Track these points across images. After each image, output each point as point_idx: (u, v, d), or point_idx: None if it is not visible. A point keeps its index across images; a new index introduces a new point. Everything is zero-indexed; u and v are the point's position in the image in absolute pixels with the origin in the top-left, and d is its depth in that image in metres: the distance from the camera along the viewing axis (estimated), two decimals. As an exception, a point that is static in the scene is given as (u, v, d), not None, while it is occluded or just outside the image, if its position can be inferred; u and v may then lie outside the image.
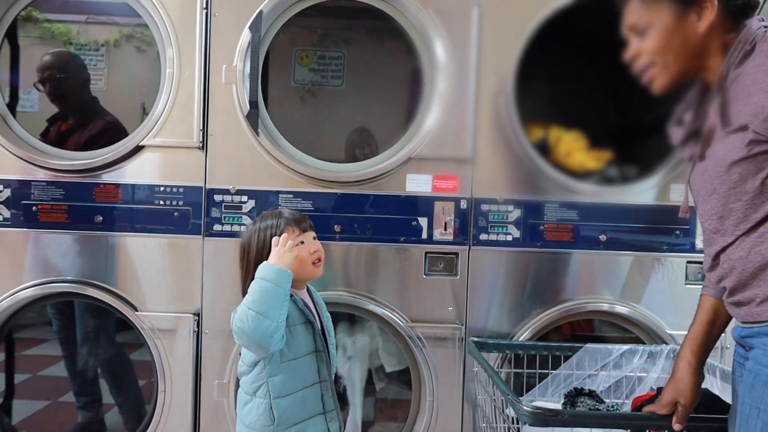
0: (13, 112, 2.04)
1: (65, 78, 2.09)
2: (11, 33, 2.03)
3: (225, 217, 1.90)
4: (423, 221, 1.92)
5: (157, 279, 1.91)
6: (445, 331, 1.92)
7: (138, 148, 1.89)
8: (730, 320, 1.16)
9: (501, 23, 1.89)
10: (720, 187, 1.03)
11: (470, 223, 1.93)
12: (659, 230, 1.93)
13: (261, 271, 1.34)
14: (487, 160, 1.92)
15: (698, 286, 1.78)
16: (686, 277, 1.93)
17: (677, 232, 1.93)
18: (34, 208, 1.90)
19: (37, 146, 1.99)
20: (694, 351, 1.16)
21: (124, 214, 1.91)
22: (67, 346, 2.22)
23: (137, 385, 2.26)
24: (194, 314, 1.91)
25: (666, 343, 1.83)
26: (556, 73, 2.08)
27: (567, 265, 1.94)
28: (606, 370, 1.68)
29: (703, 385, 1.19)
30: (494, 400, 1.54)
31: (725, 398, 1.34)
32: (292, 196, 1.90)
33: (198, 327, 1.91)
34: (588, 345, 1.69)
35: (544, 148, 2.00)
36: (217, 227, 1.90)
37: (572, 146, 2.04)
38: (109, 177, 1.90)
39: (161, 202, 1.90)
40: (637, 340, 1.93)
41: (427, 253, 1.92)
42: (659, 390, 1.29)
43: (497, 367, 1.84)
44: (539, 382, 1.71)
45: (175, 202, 1.90)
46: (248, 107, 1.86)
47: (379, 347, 2.03)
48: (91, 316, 2.14)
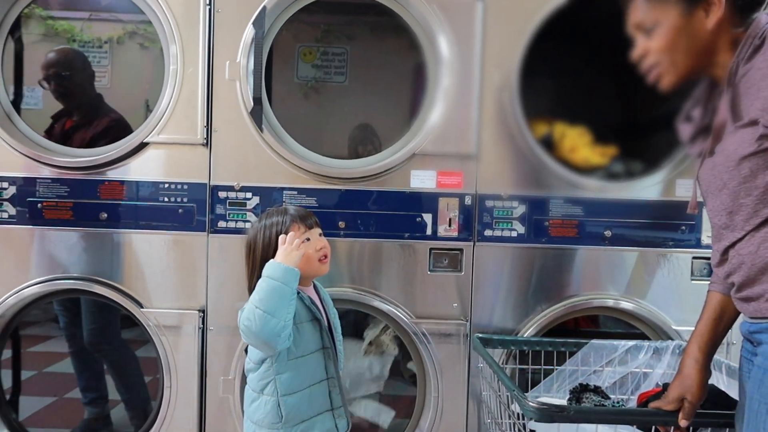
0: (18, 110, 2.04)
1: (70, 75, 2.09)
2: (15, 30, 2.04)
3: (229, 214, 1.90)
4: (427, 217, 1.91)
5: (162, 276, 1.91)
6: (450, 328, 1.91)
7: (142, 145, 1.89)
8: (737, 316, 1.15)
9: (505, 18, 1.88)
10: (730, 182, 1.02)
11: (475, 219, 1.92)
12: (665, 226, 1.92)
13: (268, 269, 1.33)
14: (492, 155, 1.91)
15: (704, 282, 1.79)
16: (692, 273, 1.93)
17: (683, 228, 1.92)
18: (39, 205, 1.91)
19: (42, 143, 1.99)
20: (701, 347, 1.15)
21: (129, 211, 1.91)
22: (74, 343, 2.23)
23: (143, 382, 2.26)
24: (199, 311, 1.91)
25: (671, 339, 1.82)
26: (561, 68, 2.07)
27: (572, 261, 1.93)
28: (611, 366, 1.68)
29: (710, 381, 1.19)
30: (499, 395, 1.54)
31: (732, 394, 1.34)
32: (296, 193, 1.90)
33: (203, 324, 1.91)
34: (593, 341, 1.69)
35: (549, 144, 1.99)
36: (222, 224, 1.91)
37: (577, 142, 2.03)
38: (114, 174, 1.91)
39: (166, 199, 1.90)
40: (642, 336, 1.93)
41: (431, 250, 1.92)
42: (665, 386, 1.29)
43: (502, 363, 1.84)
44: (544, 378, 1.71)
45: (179, 199, 1.90)
46: (252, 103, 1.86)
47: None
48: (97, 313, 2.15)
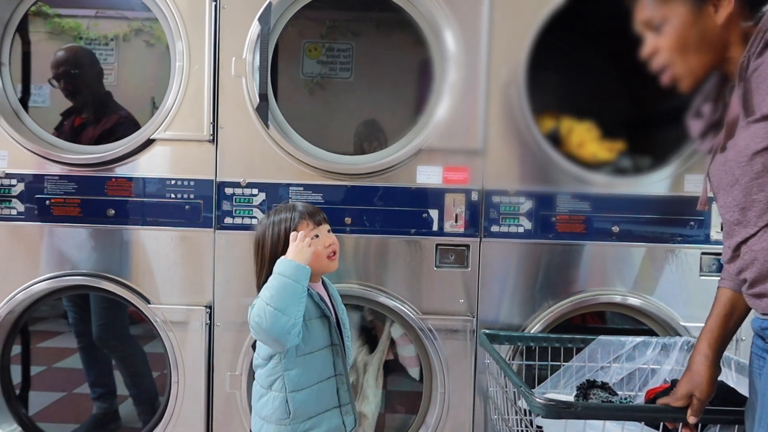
0: (26, 107, 2.05)
1: (79, 73, 2.10)
2: (22, 28, 2.04)
3: (236, 210, 1.91)
4: (434, 213, 1.91)
5: (169, 272, 1.92)
6: (457, 324, 1.91)
7: (149, 142, 1.90)
8: (747, 313, 1.14)
9: (512, 12, 1.87)
10: (742, 177, 1.01)
11: (481, 215, 1.91)
12: (673, 221, 1.91)
13: (279, 266, 1.33)
14: (498, 151, 1.90)
15: (713, 278, 1.79)
16: (701, 269, 1.91)
17: (691, 224, 1.91)
18: (47, 202, 1.92)
19: (49, 140, 2.00)
20: (711, 344, 1.14)
21: (136, 208, 1.92)
22: (83, 339, 2.25)
23: (151, 377, 2.28)
24: (206, 307, 1.92)
25: (680, 336, 1.81)
26: (568, 63, 2.05)
27: (579, 257, 1.92)
28: (619, 363, 1.67)
29: (719, 378, 1.18)
30: (506, 392, 1.54)
31: (741, 391, 1.33)
32: (302, 189, 1.90)
33: (210, 319, 1.92)
34: (601, 337, 1.68)
35: (556, 139, 1.97)
36: (228, 220, 1.91)
37: (584, 137, 2.01)
38: (121, 171, 1.92)
39: (172, 196, 1.91)
40: (650, 333, 1.92)
41: (438, 246, 1.91)
42: (673, 382, 1.28)
43: (509, 359, 1.83)
44: (551, 375, 1.70)
45: (186, 196, 1.91)
46: (258, 100, 1.86)
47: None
48: (105, 309, 2.16)
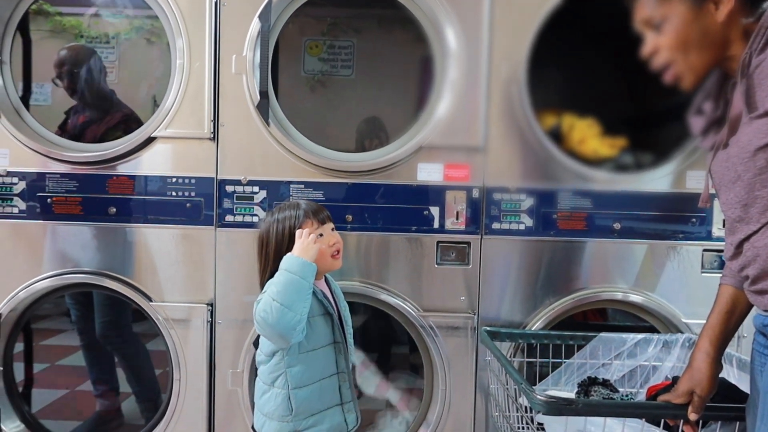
0: (26, 106, 2.05)
1: (82, 72, 2.10)
2: (23, 27, 2.04)
3: (237, 208, 1.91)
4: (434, 210, 1.91)
5: (170, 270, 1.93)
6: (458, 321, 1.91)
7: (150, 140, 1.90)
8: (749, 310, 1.14)
9: (513, 9, 1.86)
10: (745, 174, 1.00)
11: (482, 212, 1.91)
12: (675, 218, 1.90)
13: (285, 262, 1.33)
14: (499, 148, 1.90)
15: (715, 275, 1.78)
16: (702, 266, 1.91)
17: (693, 220, 1.90)
18: (48, 200, 1.92)
19: (50, 139, 2.00)
20: (713, 341, 1.14)
21: (137, 206, 1.92)
22: (85, 336, 2.26)
23: (153, 374, 2.29)
24: (207, 304, 1.92)
25: (681, 332, 1.81)
26: (569, 60, 2.05)
27: (580, 254, 1.92)
28: (620, 360, 1.67)
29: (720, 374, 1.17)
30: (507, 389, 1.54)
31: (742, 387, 1.33)
32: (303, 187, 1.90)
33: (211, 317, 1.92)
34: (602, 334, 1.68)
35: (557, 136, 1.97)
36: (229, 218, 1.91)
37: (586, 133, 2.01)
38: (122, 169, 1.92)
39: (173, 194, 1.91)
40: (651, 330, 1.92)
41: (439, 243, 1.91)
42: (675, 379, 1.28)
43: (510, 357, 1.83)
44: (552, 372, 1.70)
45: (187, 193, 1.91)
46: (258, 97, 1.85)
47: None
48: (108, 307, 2.17)
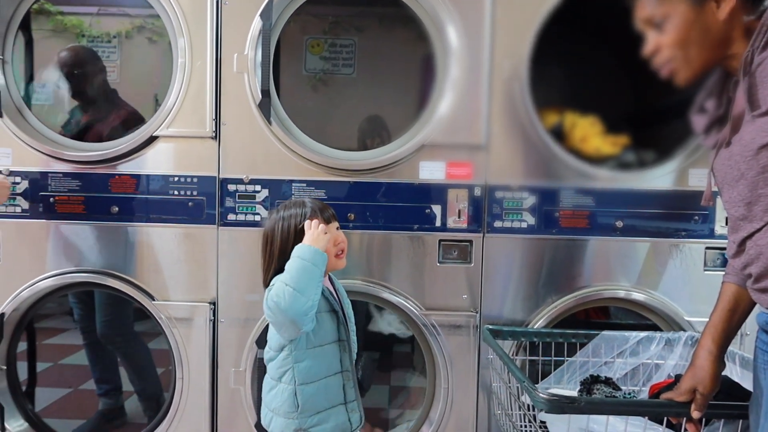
0: (28, 105, 2.05)
1: (83, 73, 2.11)
2: (25, 26, 2.05)
3: (239, 207, 1.91)
4: (437, 209, 1.91)
5: (173, 269, 1.93)
6: (460, 319, 1.91)
7: (152, 139, 1.90)
8: (752, 308, 1.14)
9: (514, 7, 1.86)
10: (748, 172, 1.00)
11: (484, 211, 1.91)
12: (677, 216, 1.90)
13: (298, 250, 1.36)
14: (501, 146, 1.90)
15: (717, 273, 1.78)
16: (705, 264, 1.90)
17: (696, 218, 1.90)
18: (51, 200, 1.93)
19: (53, 138, 2.00)
20: (715, 339, 1.14)
21: (140, 205, 1.92)
22: (88, 335, 2.26)
23: (156, 373, 2.29)
24: (210, 303, 1.92)
25: (684, 330, 1.81)
26: (571, 57, 2.05)
27: (583, 252, 1.92)
28: (623, 358, 1.67)
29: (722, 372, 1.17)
30: (509, 387, 1.54)
31: (745, 385, 1.32)
32: (305, 185, 1.90)
33: (214, 315, 1.93)
34: (604, 332, 1.68)
35: (559, 134, 1.97)
36: (231, 217, 1.91)
37: (588, 131, 2.01)
38: (124, 168, 1.92)
39: (175, 193, 1.91)
40: (654, 328, 1.91)
41: (441, 241, 1.91)
42: (677, 377, 1.28)
43: (512, 355, 1.83)
44: (554, 370, 1.70)
45: (189, 192, 1.91)
46: (260, 96, 1.85)
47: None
48: (110, 306, 2.17)
